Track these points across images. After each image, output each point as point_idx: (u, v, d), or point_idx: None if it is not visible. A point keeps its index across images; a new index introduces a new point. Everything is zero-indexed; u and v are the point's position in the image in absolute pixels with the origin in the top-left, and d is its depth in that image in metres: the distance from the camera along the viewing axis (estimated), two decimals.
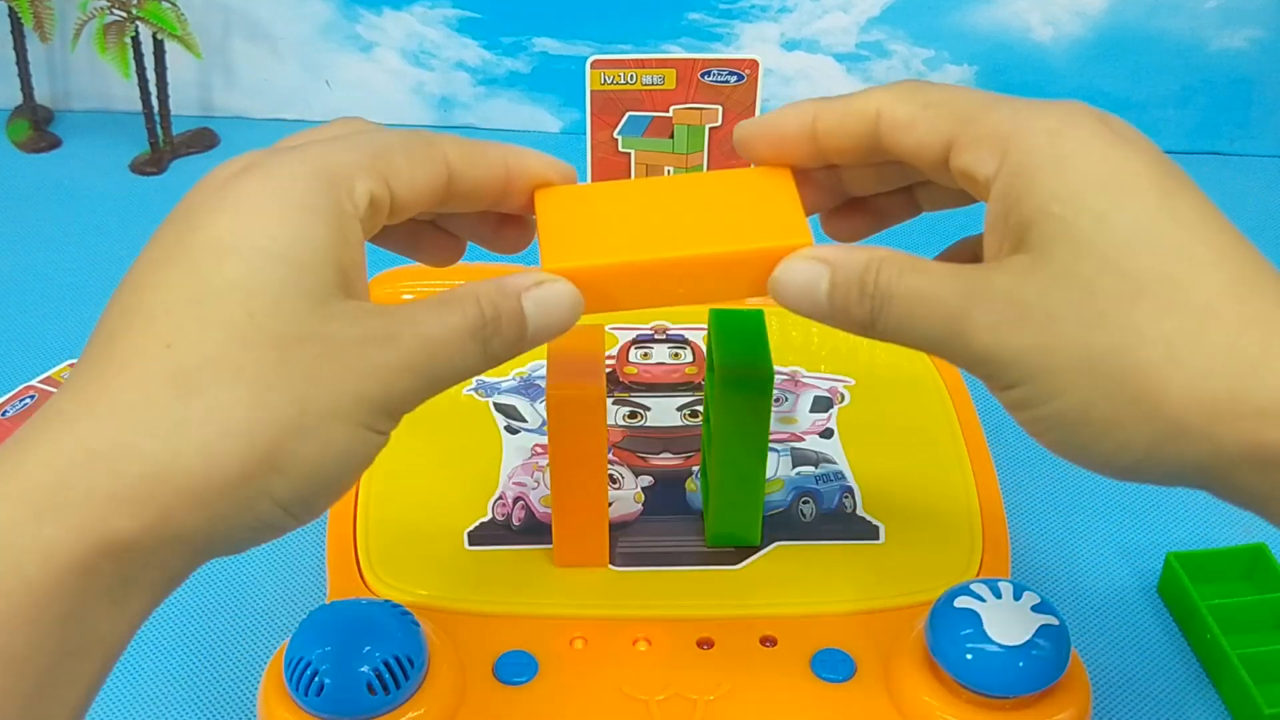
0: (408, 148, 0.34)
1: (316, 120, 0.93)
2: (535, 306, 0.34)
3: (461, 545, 0.48)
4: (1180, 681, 0.50)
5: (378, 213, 0.33)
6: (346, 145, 0.33)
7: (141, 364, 0.29)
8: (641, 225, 0.37)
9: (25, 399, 0.63)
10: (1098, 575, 0.54)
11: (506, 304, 0.33)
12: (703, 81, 0.62)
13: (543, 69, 0.88)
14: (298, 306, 0.30)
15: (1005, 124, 0.33)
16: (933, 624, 0.41)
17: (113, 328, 0.31)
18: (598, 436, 0.43)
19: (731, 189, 0.38)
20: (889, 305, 0.33)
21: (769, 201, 0.37)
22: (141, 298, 0.31)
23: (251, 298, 0.30)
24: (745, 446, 0.45)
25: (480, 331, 0.33)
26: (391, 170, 0.33)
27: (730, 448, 0.45)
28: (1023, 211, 0.32)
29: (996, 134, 0.33)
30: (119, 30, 0.80)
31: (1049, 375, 0.31)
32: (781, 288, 0.35)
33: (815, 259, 0.35)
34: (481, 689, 0.42)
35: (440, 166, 0.35)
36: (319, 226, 0.31)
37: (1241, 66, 0.85)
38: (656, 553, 0.48)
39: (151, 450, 0.29)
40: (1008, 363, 0.32)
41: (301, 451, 0.30)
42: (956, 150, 0.34)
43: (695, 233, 0.36)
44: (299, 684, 0.40)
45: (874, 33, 0.86)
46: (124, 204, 0.82)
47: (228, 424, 0.29)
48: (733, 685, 0.43)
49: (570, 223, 0.37)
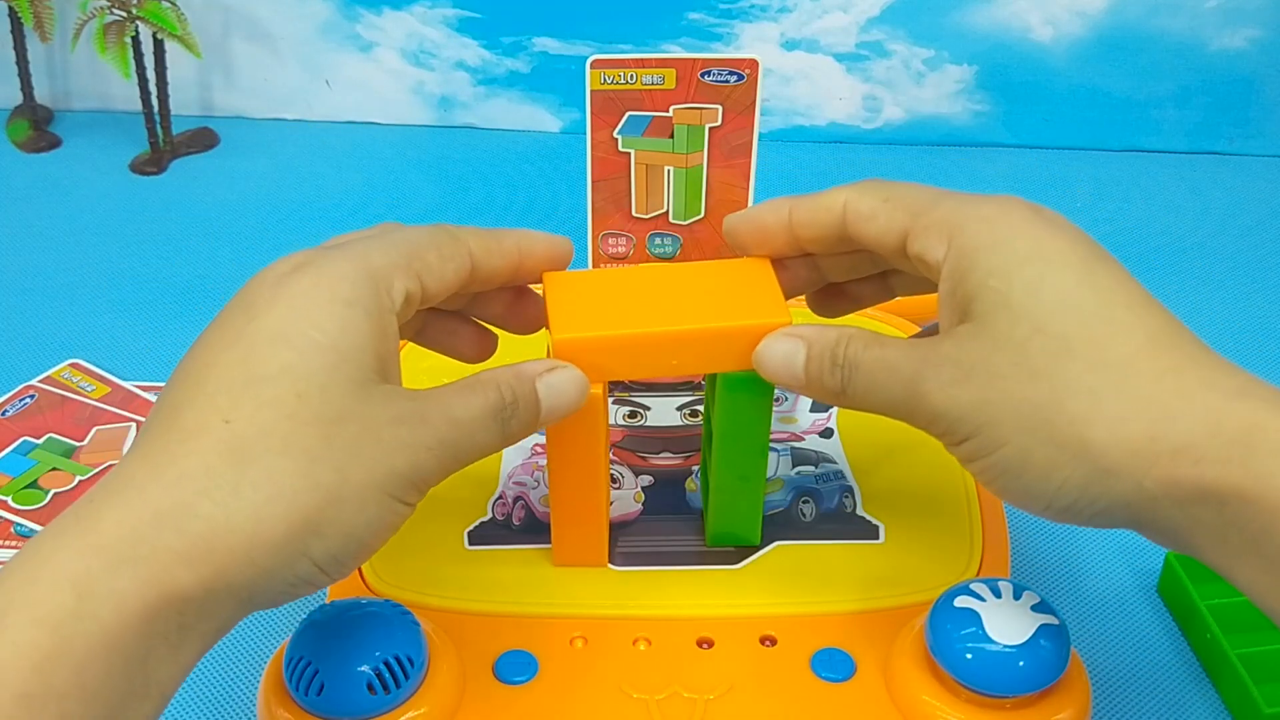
0: (437, 245, 0.39)
1: (316, 120, 0.93)
2: (547, 390, 0.39)
3: (461, 545, 0.48)
4: (1180, 681, 0.50)
5: (410, 305, 0.38)
6: (385, 245, 0.38)
7: (203, 436, 0.33)
8: (639, 304, 0.42)
9: (25, 399, 0.63)
10: (1098, 575, 0.54)
11: (523, 388, 0.38)
12: (703, 81, 0.62)
13: (543, 69, 0.88)
14: (341, 390, 0.34)
15: (951, 215, 0.38)
16: (933, 624, 0.41)
17: (177, 401, 0.35)
18: (596, 433, 0.43)
19: (719, 276, 0.43)
20: (856, 374, 0.38)
21: (752, 286, 0.43)
22: (205, 376, 0.34)
23: (300, 381, 0.34)
24: (746, 447, 0.45)
25: (500, 414, 0.37)
26: (424, 267, 0.38)
27: (730, 448, 0.45)
28: (966, 287, 0.37)
29: (944, 223, 0.38)
30: (119, 30, 0.80)
31: (993, 427, 0.35)
32: (763, 361, 0.40)
33: (793, 335, 0.40)
34: (481, 689, 0.43)
35: (465, 260, 0.40)
36: (362, 321, 0.35)
37: (1241, 66, 0.85)
38: (656, 552, 0.48)
39: (209, 512, 0.32)
40: (958, 418, 0.36)
41: (339, 518, 0.34)
42: (911, 238, 0.39)
43: (688, 311, 0.42)
44: (299, 684, 0.40)
45: (874, 33, 0.86)
46: (124, 204, 0.82)
47: (276, 491, 0.33)
48: (733, 685, 0.43)
49: (575, 301, 0.42)
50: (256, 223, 0.80)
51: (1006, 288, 0.36)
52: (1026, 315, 0.35)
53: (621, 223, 0.66)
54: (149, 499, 0.32)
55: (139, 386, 0.64)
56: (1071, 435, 0.34)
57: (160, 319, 0.70)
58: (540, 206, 0.81)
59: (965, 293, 0.37)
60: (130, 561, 0.31)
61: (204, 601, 0.32)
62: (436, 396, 0.36)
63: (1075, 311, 0.35)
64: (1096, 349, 0.35)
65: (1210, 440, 0.33)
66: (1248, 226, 0.80)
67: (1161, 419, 0.33)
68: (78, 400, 0.62)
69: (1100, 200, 0.83)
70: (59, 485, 0.57)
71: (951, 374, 0.36)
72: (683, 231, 0.66)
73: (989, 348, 0.36)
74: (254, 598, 0.33)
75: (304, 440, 0.33)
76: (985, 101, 0.87)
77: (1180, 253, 0.78)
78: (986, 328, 0.36)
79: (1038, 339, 0.35)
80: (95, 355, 0.66)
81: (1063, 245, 0.37)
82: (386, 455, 0.35)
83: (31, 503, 0.56)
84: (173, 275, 0.74)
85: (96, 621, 0.30)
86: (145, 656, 0.31)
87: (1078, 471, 0.34)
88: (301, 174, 0.86)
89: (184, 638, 0.32)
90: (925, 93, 0.88)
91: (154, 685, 0.32)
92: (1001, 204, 0.38)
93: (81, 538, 0.31)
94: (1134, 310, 0.36)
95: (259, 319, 0.35)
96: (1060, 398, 0.34)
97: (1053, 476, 0.35)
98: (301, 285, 0.36)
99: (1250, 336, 0.70)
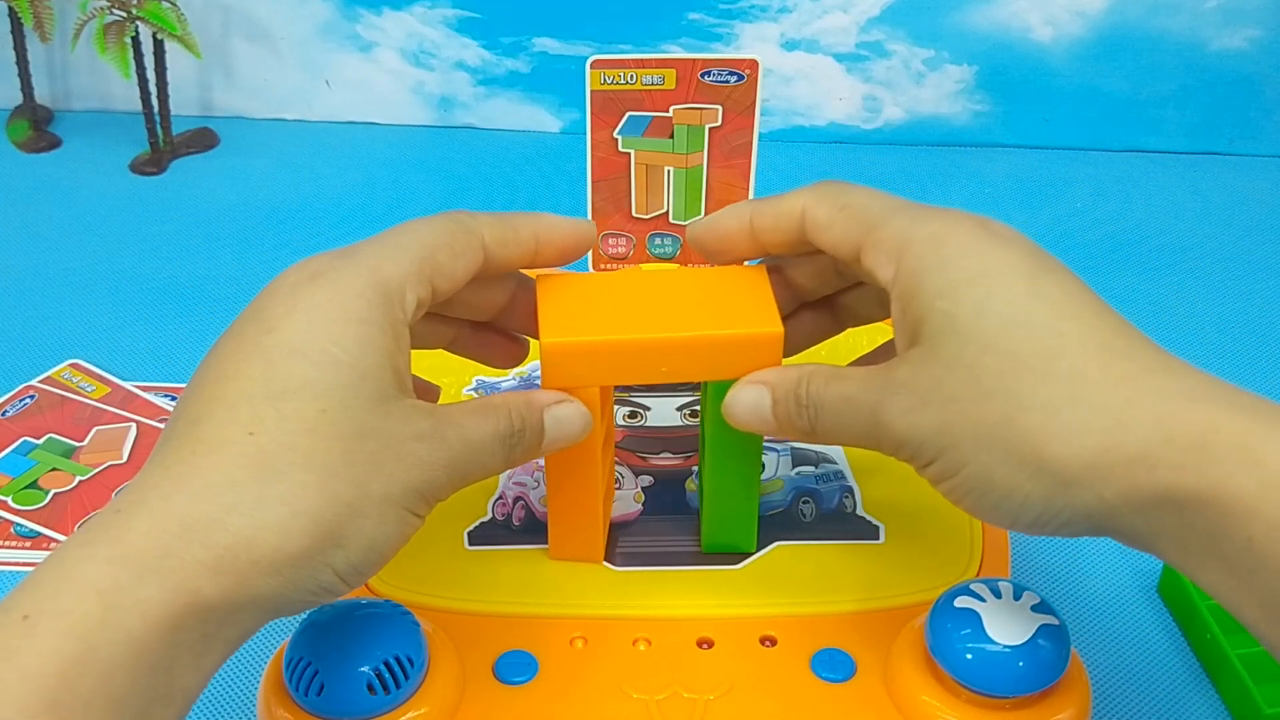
0: (450, 242, 0.39)
1: (316, 120, 0.93)
2: (554, 421, 0.40)
3: (461, 545, 0.48)
4: (1180, 681, 0.50)
5: (421, 309, 0.38)
6: (397, 252, 0.38)
7: (225, 448, 0.34)
8: (631, 310, 0.42)
9: (25, 399, 0.63)
10: (1098, 575, 0.54)
11: (532, 417, 0.39)
12: (703, 81, 0.62)
13: (543, 69, 0.88)
14: (362, 406, 0.35)
15: (900, 233, 0.38)
16: (933, 624, 0.41)
17: (196, 412, 0.35)
18: (594, 431, 0.43)
19: (713, 283, 0.43)
20: (821, 414, 0.39)
21: (746, 295, 0.42)
22: (224, 388, 0.35)
23: (321, 397, 0.34)
24: (739, 455, 0.45)
25: (508, 439, 0.39)
26: (435, 270, 0.38)
27: (723, 457, 0.45)
28: (915, 309, 0.37)
29: (893, 242, 0.38)
30: (119, 30, 0.80)
31: (954, 449, 0.35)
32: (733, 412, 0.41)
33: (755, 383, 0.40)
34: (481, 689, 0.43)
35: (477, 254, 0.40)
36: (378, 337, 0.36)
37: (1241, 66, 0.85)
38: (656, 552, 0.48)
39: (236, 525, 0.33)
40: (920, 443, 0.36)
41: (360, 530, 0.35)
42: (864, 253, 0.39)
43: (679, 318, 0.41)
44: (299, 684, 0.40)
45: (874, 33, 0.86)
46: (124, 204, 0.82)
47: (300, 505, 0.33)
48: (733, 685, 0.43)
49: (567, 305, 0.42)
50: (256, 223, 0.80)
51: (953, 308, 0.36)
52: (974, 335, 0.35)
53: (621, 223, 0.66)
54: (175, 510, 0.33)
55: (139, 387, 0.64)
56: (1028, 451, 0.34)
57: (160, 319, 0.70)
58: (540, 207, 0.81)
59: (914, 315, 0.37)
60: (157, 572, 0.32)
61: (228, 611, 0.33)
62: (452, 417, 0.37)
63: (1023, 327, 0.35)
64: (1047, 362, 0.35)
65: (1165, 447, 0.33)
66: (1248, 226, 0.80)
67: (1115, 428, 0.33)
68: (77, 400, 0.62)
69: (1100, 200, 0.83)
70: (59, 485, 0.57)
71: (909, 401, 0.36)
72: (683, 232, 0.66)
73: (941, 371, 0.36)
74: (278, 607, 0.34)
75: (326, 455, 0.34)
76: (985, 102, 0.87)
77: (1180, 253, 0.78)
78: (936, 351, 0.36)
79: (987, 358, 0.35)
80: (95, 355, 0.66)
81: (1009, 259, 0.37)
82: (404, 471, 0.35)
83: (31, 503, 0.56)
84: (173, 275, 0.74)
85: (123, 630, 0.31)
86: (170, 664, 0.32)
87: (1038, 486, 0.34)
88: (301, 174, 0.86)
89: (208, 646, 0.33)
90: (925, 93, 0.88)
91: (178, 692, 0.32)
92: (948, 220, 0.38)
93: (109, 548, 0.32)
94: (1083, 321, 0.35)
95: (276, 332, 0.35)
96: (1014, 415, 0.34)
97: (1015, 493, 0.35)
98: (317, 299, 0.36)
99: (1250, 336, 0.70)
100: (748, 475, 0.46)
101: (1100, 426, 0.34)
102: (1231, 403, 0.33)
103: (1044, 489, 0.34)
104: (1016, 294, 0.36)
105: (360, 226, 0.79)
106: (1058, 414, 0.34)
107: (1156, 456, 0.33)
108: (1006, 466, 0.35)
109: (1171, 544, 0.34)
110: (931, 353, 0.36)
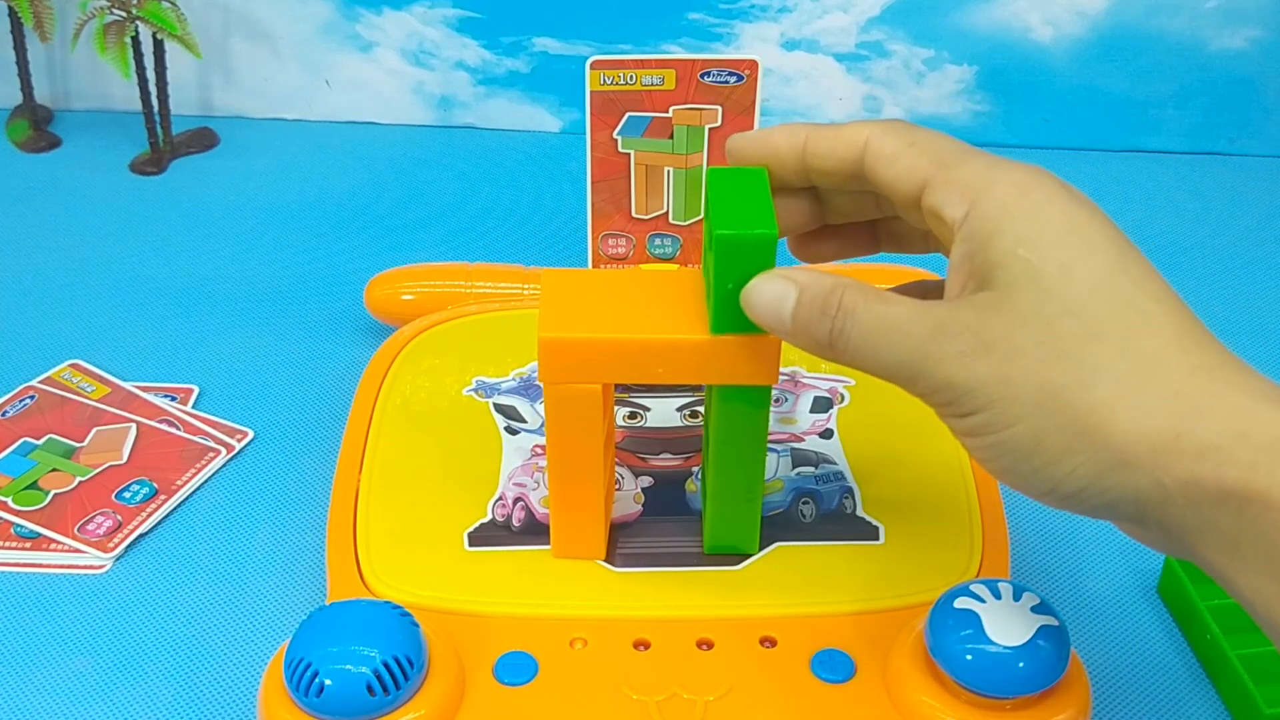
0: None
1: (316, 120, 0.93)
2: None
3: (461, 546, 0.48)
4: (1180, 681, 0.50)
5: None
6: None
7: None
8: (632, 308, 0.42)
9: (25, 399, 0.63)
10: (1098, 575, 0.54)
11: None
12: (702, 82, 0.62)
13: (543, 69, 0.88)
14: None
15: (978, 174, 0.37)
16: (932, 624, 0.41)
17: None
18: (593, 427, 0.43)
19: None
20: (852, 329, 0.36)
21: None
22: None
23: None
24: (743, 457, 0.45)
25: None
26: None
27: (727, 458, 0.45)
28: (990, 254, 0.35)
29: (969, 181, 0.36)
30: (119, 30, 0.80)
31: (1007, 404, 0.34)
32: (751, 302, 0.39)
33: (785, 278, 0.38)
34: (481, 689, 0.43)
35: None
36: None
37: (1241, 66, 0.85)
38: (656, 553, 0.48)
39: None
40: (968, 390, 0.35)
41: None
42: (930, 189, 0.37)
43: (680, 319, 0.41)
44: (299, 685, 0.40)
45: (874, 33, 0.86)
46: (124, 204, 0.82)
47: None
48: (733, 686, 0.43)
49: (568, 301, 0.42)
50: (256, 223, 0.80)
51: (1038, 261, 0.34)
52: (1057, 293, 0.34)
53: (621, 223, 0.66)
54: None
55: (139, 387, 0.64)
56: (1092, 422, 0.33)
57: (160, 319, 0.70)
58: (540, 207, 0.81)
59: (987, 259, 0.35)
60: None
61: None
62: None
63: (1108, 297, 0.34)
64: (1128, 337, 0.34)
65: (1238, 443, 0.32)
66: (1248, 226, 0.80)
67: (1189, 415, 0.33)
68: (78, 401, 0.62)
69: (1100, 200, 0.82)
70: (59, 486, 0.57)
71: (969, 344, 0.35)
72: (683, 232, 0.66)
73: (1013, 321, 0.34)
74: None
75: None
76: (985, 101, 0.87)
77: (1180, 253, 0.77)
78: (1011, 300, 0.34)
79: (1067, 320, 0.34)
80: (95, 355, 0.66)
81: (1098, 226, 0.36)
82: None
83: (31, 503, 0.56)
84: (173, 275, 0.74)
85: None
86: None
87: (1093, 459, 0.33)
88: (301, 174, 0.86)
89: None
90: (925, 93, 0.88)
91: None
92: (1034, 172, 0.37)
93: None
94: (1163, 303, 0.35)
95: None
96: (1085, 383, 0.33)
97: (1064, 461, 0.34)
98: None
99: (1250, 336, 0.70)
100: (751, 477, 0.46)
101: (1174, 412, 0.33)
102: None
103: (1098, 464, 0.33)
104: (1106, 261, 0.35)
105: (361, 226, 0.79)
106: (1131, 390, 0.33)
107: (1228, 451, 0.32)
108: (1063, 434, 0.33)
109: (1220, 542, 0.33)
110: (1004, 301, 0.35)
